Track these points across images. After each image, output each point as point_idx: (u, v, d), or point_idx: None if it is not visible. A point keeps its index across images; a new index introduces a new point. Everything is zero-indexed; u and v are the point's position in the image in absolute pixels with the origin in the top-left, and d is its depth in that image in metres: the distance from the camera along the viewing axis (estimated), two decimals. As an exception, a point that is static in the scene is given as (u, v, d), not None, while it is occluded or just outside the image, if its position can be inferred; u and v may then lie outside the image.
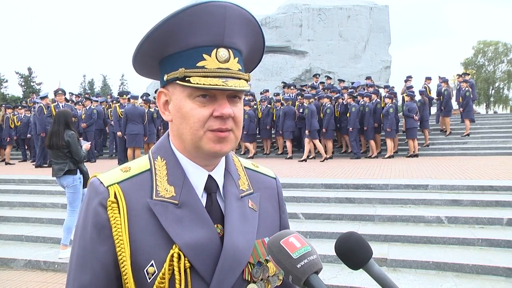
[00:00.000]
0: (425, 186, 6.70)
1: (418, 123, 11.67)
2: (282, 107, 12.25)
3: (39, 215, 6.71)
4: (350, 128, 11.45)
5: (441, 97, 13.08)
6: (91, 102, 13.34)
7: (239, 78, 0.86)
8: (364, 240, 0.80)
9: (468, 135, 12.73)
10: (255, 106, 13.03)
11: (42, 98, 12.06)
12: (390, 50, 18.73)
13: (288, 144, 12.19)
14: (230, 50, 0.86)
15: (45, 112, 11.28)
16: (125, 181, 0.87)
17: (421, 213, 5.63)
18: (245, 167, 1.03)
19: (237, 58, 0.87)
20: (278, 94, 13.97)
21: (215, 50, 0.84)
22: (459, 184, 6.58)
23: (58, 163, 5.22)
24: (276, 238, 0.78)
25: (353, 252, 0.79)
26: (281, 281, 0.95)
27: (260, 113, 12.95)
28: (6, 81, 39.98)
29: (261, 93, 14.07)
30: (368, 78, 14.07)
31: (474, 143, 12.26)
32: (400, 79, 15.33)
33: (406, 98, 11.61)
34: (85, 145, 5.63)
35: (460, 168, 8.59)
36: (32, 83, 40.11)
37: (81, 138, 5.86)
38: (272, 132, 12.98)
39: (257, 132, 13.00)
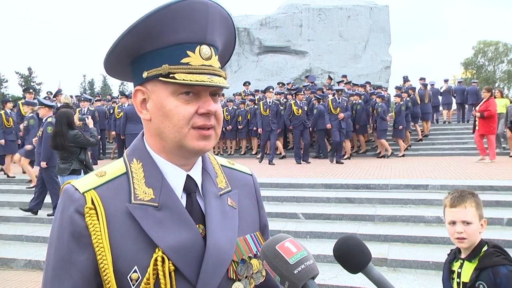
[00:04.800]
0: (425, 186, 6.70)
1: (388, 124, 11.56)
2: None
3: (39, 215, 6.69)
4: (311, 129, 11.41)
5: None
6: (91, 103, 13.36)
7: (220, 76, 0.86)
8: (362, 243, 0.79)
9: (403, 155, 11.37)
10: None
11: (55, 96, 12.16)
12: (390, 50, 18.72)
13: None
14: (211, 47, 0.86)
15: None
16: (101, 186, 0.84)
17: (421, 213, 5.63)
18: (221, 165, 1.02)
19: (217, 56, 0.88)
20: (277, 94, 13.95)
21: (198, 47, 0.83)
22: (459, 184, 6.56)
23: (64, 162, 5.51)
24: (271, 243, 0.76)
25: (352, 256, 0.78)
26: (264, 277, 0.95)
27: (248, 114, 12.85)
28: (6, 81, 40.06)
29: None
30: (367, 82, 14.08)
31: (474, 143, 12.22)
32: (400, 79, 15.32)
33: (378, 100, 11.53)
34: (88, 122, 6.27)
35: (460, 168, 8.59)
36: (32, 83, 40.06)
37: (77, 116, 6.68)
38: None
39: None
